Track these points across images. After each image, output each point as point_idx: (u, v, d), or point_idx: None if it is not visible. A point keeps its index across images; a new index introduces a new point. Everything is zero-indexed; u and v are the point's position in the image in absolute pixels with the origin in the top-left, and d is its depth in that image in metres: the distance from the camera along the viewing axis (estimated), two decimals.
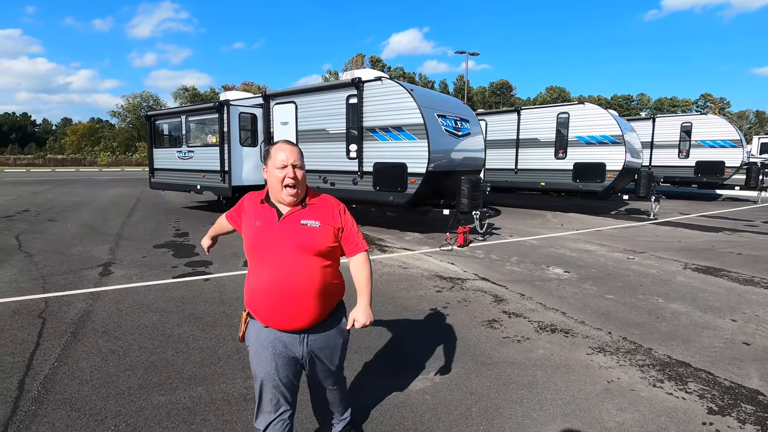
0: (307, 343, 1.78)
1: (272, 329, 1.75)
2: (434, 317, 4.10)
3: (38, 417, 2.44)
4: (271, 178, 1.77)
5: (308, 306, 1.72)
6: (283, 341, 1.75)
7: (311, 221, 1.75)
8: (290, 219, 1.76)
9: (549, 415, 2.55)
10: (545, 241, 7.87)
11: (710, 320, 4.06)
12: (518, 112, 12.77)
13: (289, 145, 1.80)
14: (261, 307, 1.75)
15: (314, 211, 1.79)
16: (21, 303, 4.30)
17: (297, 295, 1.70)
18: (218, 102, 10.11)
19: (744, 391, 2.82)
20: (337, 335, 1.87)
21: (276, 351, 1.75)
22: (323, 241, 1.75)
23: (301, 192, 1.78)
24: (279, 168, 1.73)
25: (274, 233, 1.73)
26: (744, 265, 6.11)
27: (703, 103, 67.14)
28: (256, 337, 1.77)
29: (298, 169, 1.75)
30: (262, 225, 1.76)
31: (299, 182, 1.75)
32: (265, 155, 1.81)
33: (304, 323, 1.74)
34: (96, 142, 55.35)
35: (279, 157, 1.74)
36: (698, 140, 14.84)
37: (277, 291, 1.69)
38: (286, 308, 1.70)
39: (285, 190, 1.73)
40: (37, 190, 17.86)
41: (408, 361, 3.24)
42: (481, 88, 69.21)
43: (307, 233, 1.73)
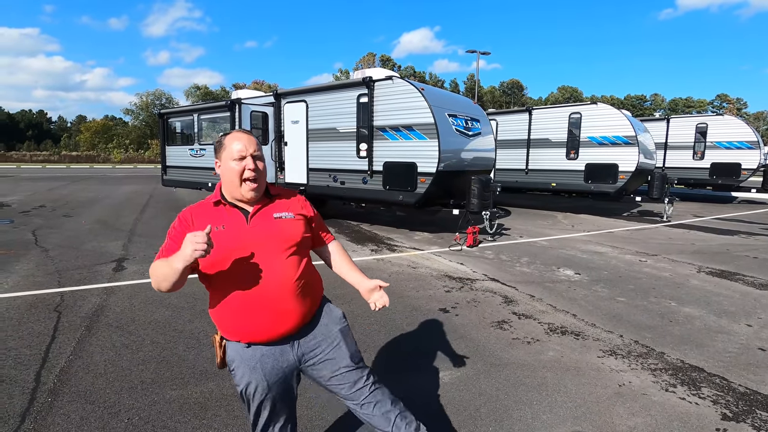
0: (298, 347, 1.59)
1: (256, 346, 1.54)
2: (443, 317, 4.09)
3: (54, 408, 2.49)
4: (226, 173, 1.53)
5: (295, 305, 1.54)
6: (272, 356, 1.55)
7: (284, 213, 1.59)
8: (261, 215, 1.55)
9: (559, 417, 2.54)
10: (556, 242, 7.81)
11: (724, 325, 3.99)
12: (529, 112, 12.66)
13: (245, 134, 1.57)
14: (241, 322, 1.51)
15: (283, 203, 1.63)
16: (37, 297, 4.39)
17: (279, 296, 1.51)
18: (230, 100, 10.19)
19: (759, 398, 2.77)
20: (330, 324, 1.67)
21: (266, 370, 1.54)
22: (299, 233, 1.59)
23: (262, 186, 1.56)
24: (236, 159, 1.50)
25: (245, 235, 1.50)
26: (760, 269, 5.99)
27: (719, 103, 65.97)
28: (241, 358, 1.54)
29: (259, 160, 1.54)
30: (227, 228, 1.50)
31: (261, 174, 1.54)
32: (217, 147, 1.57)
33: (291, 325, 1.55)
34: (109, 139, 56.22)
35: (235, 147, 1.51)
36: (714, 141, 14.58)
37: (260, 297, 1.49)
38: (272, 314, 1.51)
39: (245, 185, 1.51)
40: (52, 186, 18.20)
41: (416, 360, 3.24)
42: (491, 88, 68.83)
43: (283, 226, 1.56)
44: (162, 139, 13.14)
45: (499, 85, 71.25)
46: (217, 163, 1.57)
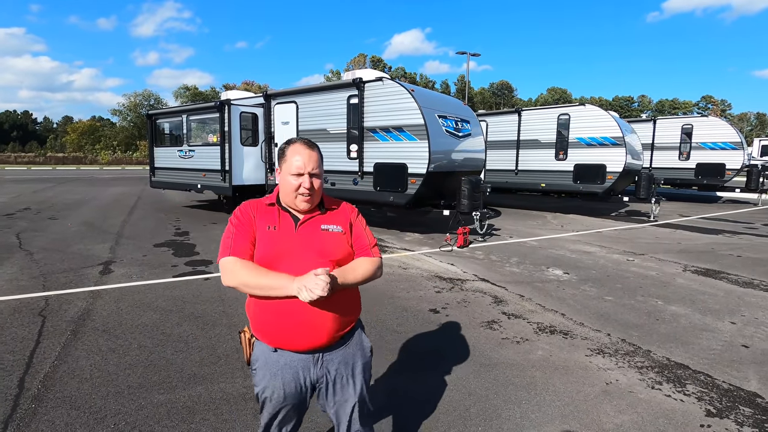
0: (322, 363, 1.57)
1: (283, 351, 1.54)
2: (434, 318, 4.10)
3: (38, 415, 2.45)
4: (284, 183, 1.56)
5: (328, 321, 1.52)
6: (294, 366, 1.54)
7: (333, 226, 1.58)
8: (309, 225, 1.56)
9: (547, 416, 2.56)
10: (545, 242, 7.88)
11: (709, 322, 4.07)
12: (519, 113, 12.77)
13: (308, 149, 1.55)
14: (274, 325, 1.52)
15: (334, 216, 1.62)
16: (21, 301, 4.31)
17: (315, 309, 1.48)
18: (219, 101, 10.11)
19: (742, 394, 2.82)
20: (356, 353, 1.64)
21: (286, 379, 1.54)
22: (345, 248, 1.58)
23: (315, 201, 1.58)
24: (294, 175, 1.52)
25: (291, 240, 1.52)
26: (743, 268, 6.11)
27: (705, 105, 67.15)
28: (265, 361, 1.56)
29: (315, 178, 1.54)
30: (277, 231, 1.53)
31: (316, 192, 1.55)
32: (280, 154, 1.59)
33: (323, 341, 1.53)
34: (97, 140, 55.43)
35: (295, 163, 1.52)
36: (699, 142, 14.84)
37: (296, 307, 1.46)
38: (304, 324, 1.49)
39: (299, 197, 1.54)
40: (37, 188, 17.88)
41: (406, 361, 3.24)
42: (482, 89, 69.26)
43: (329, 239, 1.55)
44: (150, 141, 12.99)
45: (489, 86, 71.73)
46: (278, 170, 1.60)
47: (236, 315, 4.03)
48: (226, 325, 3.78)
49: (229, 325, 3.80)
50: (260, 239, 1.52)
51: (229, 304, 4.34)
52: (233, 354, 3.25)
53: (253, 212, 1.56)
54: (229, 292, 4.71)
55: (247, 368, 3.02)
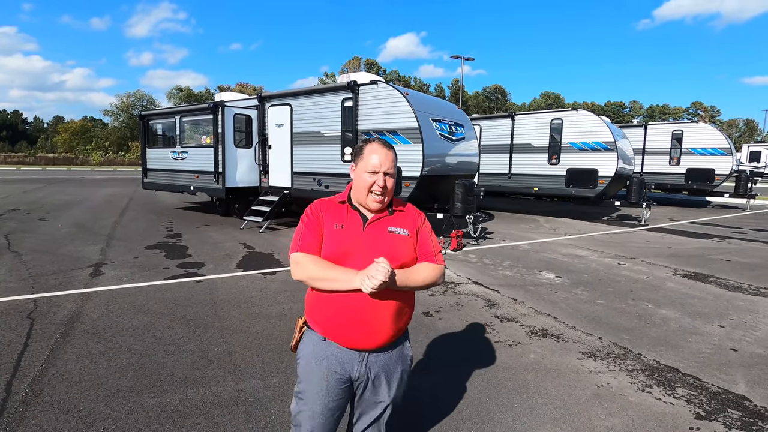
0: (366, 363, 1.57)
1: (332, 344, 1.56)
2: (427, 321, 4.11)
3: (26, 419, 2.41)
4: (357, 180, 1.59)
5: (384, 324, 1.54)
6: (340, 359, 1.56)
7: (399, 229, 1.60)
8: (377, 225, 1.59)
9: (539, 419, 2.57)
10: (538, 246, 7.93)
11: (699, 326, 4.11)
12: (512, 118, 12.86)
13: (385, 149, 1.59)
14: (331, 318, 1.54)
15: (401, 218, 1.64)
16: (9, 303, 4.25)
17: (376, 310, 1.51)
18: (213, 103, 10.07)
19: (731, 397, 2.86)
20: (398, 360, 1.65)
21: (330, 369, 1.56)
22: (410, 252, 1.60)
23: (387, 200, 1.61)
24: (369, 173, 1.56)
25: (358, 239, 1.55)
26: (732, 272, 6.20)
27: (694, 111, 68.06)
28: (312, 351, 1.58)
29: (389, 177, 1.57)
30: (345, 229, 1.56)
31: (388, 191, 1.58)
32: (357, 152, 1.62)
33: (376, 343, 1.55)
34: (88, 140, 54.87)
35: (371, 161, 1.56)
36: (689, 148, 15.05)
37: (356, 307, 1.50)
38: (361, 327, 1.52)
39: (371, 195, 1.57)
40: (27, 188, 17.65)
41: None
42: (476, 93, 69.64)
43: (395, 242, 1.57)
44: (143, 142, 12.89)
45: (483, 90, 72.16)
46: (353, 167, 1.62)
47: (228, 318, 4.01)
48: (218, 328, 3.76)
49: (221, 328, 3.78)
50: (328, 237, 1.55)
51: (221, 307, 4.32)
52: (225, 357, 3.23)
53: (322, 211, 1.60)
54: (221, 295, 4.69)
55: (239, 372, 3.00)
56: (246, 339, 3.55)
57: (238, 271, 5.69)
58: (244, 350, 3.35)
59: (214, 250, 6.93)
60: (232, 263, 6.12)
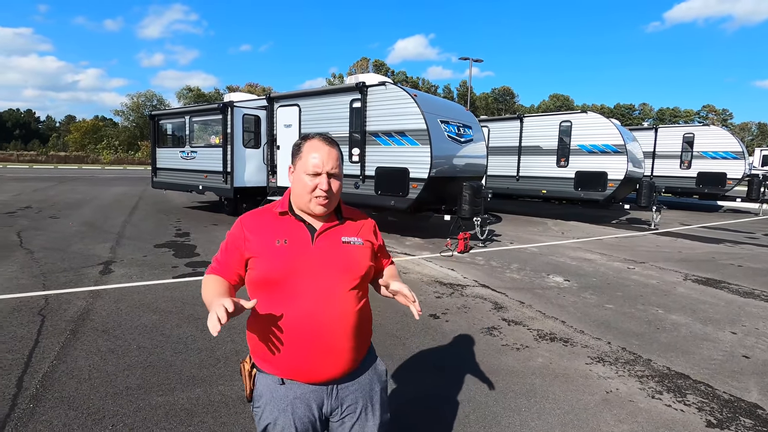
0: (336, 394, 1.37)
1: (293, 383, 1.34)
2: (434, 323, 4.09)
3: (36, 415, 2.44)
4: (297, 184, 1.36)
5: (346, 347, 1.35)
6: (305, 400, 1.34)
7: (354, 238, 1.41)
8: (328, 236, 1.38)
9: (547, 424, 2.55)
10: (546, 249, 7.87)
11: (710, 332, 4.05)
12: (521, 120, 12.80)
13: (327, 146, 1.36)
14: (285, 355, 1.32)
15: (353, 226, 1.45)
16: (21, 300, 4.30)
17: (335, 333, 1.32)
18: (222, 103, 10.15)
19: (743, 405, 2.81)
20: (373, 380, 1.46)
21: (297, 415, 1.33)
22: (366, 264, 1.42)
23: (333, 204, 1.39)
24: (310, 175, 1.34)
25: (308, 255, 1.33)
26: (744, 278, 6.10)
27: (705, 114, 67.26)
28: (271, 396, 1.34)
29: (334, 179, 1.35)
30: (290, 244, 1.33)
31: (334, 195, 1.36)
32: (295, 150, 1.40)
33: (341, 369, 1.35)
34: (99, 140, 55.55)
35: (311, 161, 1.33)
36: (700, 151, 14.86)
37: (311, 330, 1.29)
38: (323, 352, 1.31)
39: (314, 200, 1.35)
40: (39, 186, 17.90)
41: (406, 366, 3.23)
42: (484, 95, 69.43)
43: (351, 253, 1.38)
44: (152, 141, 13.03)
45: (492, 92, 71.90)
46: (291, 169, 1.41)
47: (235, 317, 4.01)
48: (226, 328, 3.75)
49: (228, 327, 3.79)
50: (268, 256, 1.32)
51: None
52: (232, 356, 3.24)
53: (251, 228, 1.37)
54: None
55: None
56: None
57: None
58: None
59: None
60: None
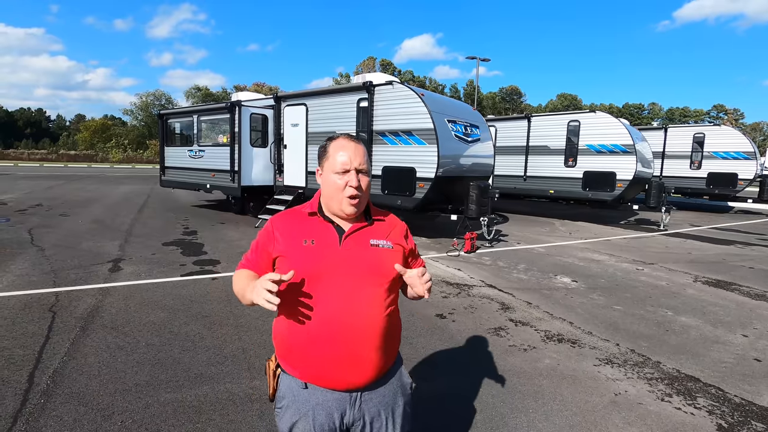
0: (359, 404, 1.34)
1: (315, 388, 1.32)
2: (440, 323, 4.08)
3: (47, 410, 2.47)
4: (326, 185, 1.36)
5: (370, 355, 1.31)
6: (327, 408, 1.32)
7: (383, 241, 1.37)
8: (356, 238, 1.35)
9: (555, 426, 2.53)
10: (553, 250, 7.82)
11: (720, 335, 4.00)
12: (528, 119, 12.72)
13: (353, 142, 1.35)
14: (309, 359, 1.30)
15: (383, 228, 1.41)
16: (32, 296, 4.36)
17: (359, 339, 1.28)
18: (230, 102, 10.20)
19: (755, 409, 2.77)
20: (397, 391, 1.42)
21: (317, 422, 1.31)
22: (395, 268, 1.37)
23: (363, 202, 1.37)
24: (339, 173, 1.32)
25: (335, 257, 1.31)
26: (756, 280, 6.01)
27: (716, 114, 66.39)
28: (293, 399, 1.33)
29: (363, 174, 1.34)
30: (317, 245, 1.32)
31: (364, 192, 1.35)
32: (321, 152, 1.39)
33: (367, 377, 1.32)
34: (108, 138, 56.10)
35: (339, 159, 1.32)
36: (711, 151, 14.68)
37: (335, 334, 1.27)
38: (348, 359, 1.28)
39: (345, 200, 1.33)
40: (49, 184, 18.12)
41: (412, 366, 3.23)
42: (491, 94, 69.10)
43: (379, 257, 1.34)
44: (161, 140, 13.13)
45: (499, 91, 71.55)
46: (318, 171, 1.40)
47: (243, 315, 4.04)
48: (233, 326, 3.80)
49: (236, 325, 3.82)
50: (294, 256, 1.31)
51: (236, 304, 4.36)
52: (240, 354, 3.26)
53: (280, 228, 1.37)
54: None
55: (254, 370, 3.02)
56: (260, 337, 3.58)
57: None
58: (258, 348, 3.38)
59: (229, 248, 7.01)
60: None
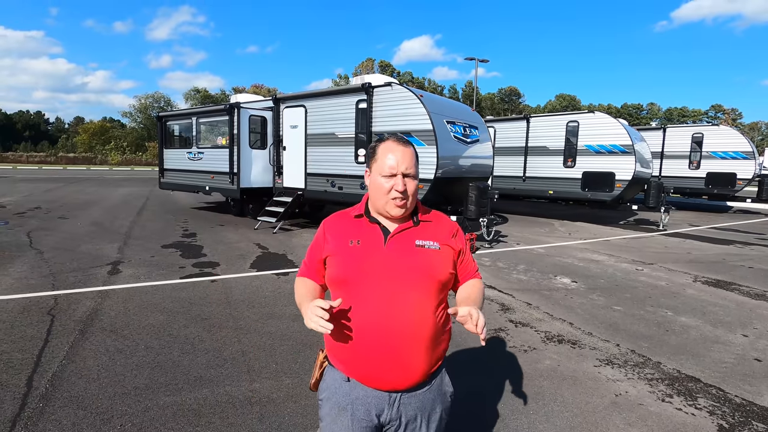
0: (398, 406, 1.33)
1: (357, 385, 1.33)
2: None
3: (45, 414, 2.46)
4: (373, 186, 1.37)
5: (419, 357, 1.30)
6: (366, 404, 1.32)
7: (429, 242, 1.36)
8: (401, 239, 1.34)
9: (555, 427, 2.53)
10: (553, 250, 7.82)
11: (720, 335, 4.00)
12: (527, 120, 12.74)
13: (401, 145, 1.36)
14: (354, 356, 1.32)
15: (429, 229, 1.40)
16: (31, 300, 4.35)
17: (401, 341, 1.28)
18: (229, 104, 10.20)
19: (756, 409, 2.77)
20: (436, 398, 1.39)
21: (355, 417, 1.32)
22: (444, 268, 1.36)
23: (411, 205, 1.37)
24: (386, 176, 1.33)
25: (380, 257, 1.31)
26: (755, 279, 6.02)
27: (714, 113, 66.53)
28: (334, 392, 1.36)
29: (410, 179, 1.34)
30: (362, 245, 1.33)
31: (410, 196, 1.35)
32: (370, 153, 1.40)
33: (408, 382, 1.31)
34: (107, 141, 56.09)
35: (387, 162, 1.33)
36: (709, 151, 14.71)
37: (376, 334, 1.28)
38: (392, 363, 1.28)
39: (391, 202, 1.33)
40: (48, 187, 18.10)
41: None
42: (489, 95, 69.21)
43: (425, 257, 1.33)
44: (160, 142, 13.12)
45: (498, 92, 71.65)
46: (367, 173, 1.41)
47: (242, 318, 4.03)
48: (233, 328, 3.79)
49: (235, 327, 3.81)
50: (340, 256, 1.34)
51: (236, 306, 4.35)
52: (239, 357, 3.25)
53: (330, 229, 1.41)
54: (235, 295, 4.72)
55: (253, 373, 3.02)
56: (260, 339, 3.57)
57: (252, 272, 5.73)
58: (257, 350, 3.37)
59: (228, 250, 7.00)
60: (246, 263, 6.17)
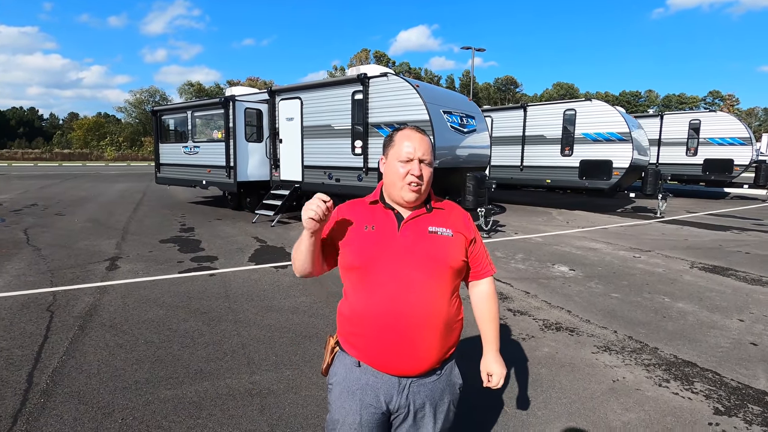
0: (407, 393, 1.35)
1: (367, 369, 1.35)
2: None
3: (47, 409, 2.47)
4: (389, 172, 1.40)
5: (431, 344, 1.33)
6: (375, 389, 1.34)
7: (442, 229, 1.39)
8: (414, 224, 1.37)
9: (554, 413, 2.55)
10: (550, 239, 7.84)
11: (717, 320, 4.03)
12: (524, 109, 12.68)
13: (419, 134, 1.40)
14: (362, 338, 1.35)
15: (442, 216, 1.43)
16: (29, 296, 4.34)
17: (412, 325, 1.30)
18: (224, 98, 10.12)
19: (751, 392, 2.80)
20: (445, 389, 1.42)
21: (364, 402, 1.34)
22: (457, 255, 1.38)
23: (425, 192, 1.41)
24: (403, 162, 1.36)
25: (393, 242, 1.34)
26: (752, 265, 6.05)
27: (711, 100, 66.40)
28: (345, 377, 1.38)
29: (425, 165, 1.37)
30: (376, 230, 1.36)
31: (425, 182, 1.38)
32: (387, 141, 1.44)
33: (420, 368, 1.33)
34: (102, 136, 55.74)
35: (404, 148, 1.36)
36: (706, 138, 14.69)
37: (388, 319, 1.30)
38: (395, 343, 1.30)
39: (406, 187, 1.36)
40: (44, 184, 18.00)
41: None
42: (486, 84, 68.86)
43: (437, 243, 1.36)
44: (155, 137, 13.02)
45: (495, 82, 71.29)
46: (383, 160, 1.44)
47: (241, 311, 4.04)
48: (232, 321, 3.80)
49: (234, 320, 3.82)
50: (355, 240, 1.37)
51: (234, 300, 4.36)
52: (239, 350, 3.26)
53: (345, 211, 1.44)
54: (234, 288, 4.73)
55: (253, 365, 3.03)
56: (259, 332, 3.58)
57: (251, 265, 5.73)
58: (257, 343, 3.38)
59: (226, 244, 7.00)
60: (244, 257, 6.17)
